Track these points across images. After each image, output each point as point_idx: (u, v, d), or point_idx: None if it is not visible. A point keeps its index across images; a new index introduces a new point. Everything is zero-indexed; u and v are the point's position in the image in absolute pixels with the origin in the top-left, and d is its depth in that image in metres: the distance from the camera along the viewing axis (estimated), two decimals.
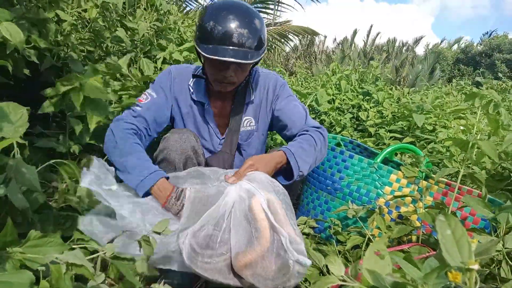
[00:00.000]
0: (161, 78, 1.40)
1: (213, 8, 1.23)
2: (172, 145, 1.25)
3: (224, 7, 1.21)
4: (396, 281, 0.45)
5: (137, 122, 1.26)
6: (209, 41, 1.19)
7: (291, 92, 1.50)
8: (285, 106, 1.45)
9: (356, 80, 3.65)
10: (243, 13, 1.20)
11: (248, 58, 1.20)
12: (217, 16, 1.19)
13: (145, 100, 1.32)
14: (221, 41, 1.18)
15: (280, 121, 1.46)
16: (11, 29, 0.96)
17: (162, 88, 1.37)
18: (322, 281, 0.55)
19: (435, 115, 2.63)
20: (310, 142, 1.33)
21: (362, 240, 1.24)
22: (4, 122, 0.61)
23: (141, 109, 1.29)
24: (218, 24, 1.18)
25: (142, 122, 1.28)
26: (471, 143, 1.11)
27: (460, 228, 0.42)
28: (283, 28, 8.24)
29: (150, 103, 1.32)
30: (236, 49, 1.18)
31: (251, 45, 1.21)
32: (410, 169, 1.34)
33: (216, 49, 1.18)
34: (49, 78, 1.37)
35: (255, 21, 1.23)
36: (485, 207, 0.98)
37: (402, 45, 18.42)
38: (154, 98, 1.34)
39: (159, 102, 1.35)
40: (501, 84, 6.54)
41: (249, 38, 1.20)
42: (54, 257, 0.67)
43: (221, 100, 1.44)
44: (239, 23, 1.18)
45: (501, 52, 23.69)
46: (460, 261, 0.39)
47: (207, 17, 1.20)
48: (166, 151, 1.25)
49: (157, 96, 1.35)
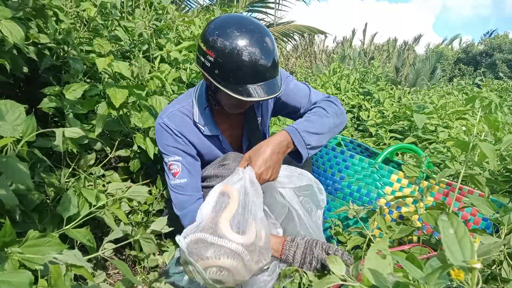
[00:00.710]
0: (168, 140, 1.25)
1: (232, 40, 1.04)
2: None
3: (245, 37, 1.05)
4: (398, 281, 0.44)
5: (196, 194, 1.23)
6: (240, 82, 1.08)
7: (287, 73, 1.40)
8: (285, 91, 1.35)
9: (357, 80, 3.65)
10: (263, 40, 1.08)
11: (278, 89, 1.13)
12: (244, 52, 1.04)
13: (179, 170, 1.23)
14: (254, 80, 1.08)
15: (285, 107, 1.38)
16: (11, 27, 0.95)
17: (179, 148, 1.25)
18: (322, 281, 0.55)
19: (438, 115, 2.62)
20: (318, 113, 1.24)
21: (362, 241, 1.24)
22: (1, 120, 0.61)
23: (187, 180, 1.23)
24: (248, 63, 1.05)
25: (196, 194, 1.24)
26: (471, 144, 1.10)
27: (462, 228, 0.42)
28: (287, 28, 8.22)
29: (185, 172, 1.24)
30: (269, 82, 1.10)
31: (276, 71, 1.13)
32: (411, 169, 1.33)
33: (249, 91, 1.08)
34: (48, 78, 1.37)
35: (271, 42, 1.11)
36: (489, 207, 0.97)
37: (404, 44, 18.40)
38: (182, 161, 1.24)
39: (190, 162, 1.26)
40: (502, 84, 6.53)
41: (275, 63, 1.11)
42: (53, 257, 0.66)
43: (230, 119, 1.36)
44: (265, 53, 1.07)
45: (502, 52, 23.68)
46: (463, 260, 0.39)
47: (230, 53, 1.04)
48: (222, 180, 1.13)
49: (184, 158, 1.25)
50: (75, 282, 0.70)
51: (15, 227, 0.83)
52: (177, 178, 1.22)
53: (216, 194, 0.99)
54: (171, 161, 1.24)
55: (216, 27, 1.09)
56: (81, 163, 1.32)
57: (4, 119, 0.61)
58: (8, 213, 0.82)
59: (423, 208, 1.27)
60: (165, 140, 1.25)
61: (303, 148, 1.15)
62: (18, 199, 0.83)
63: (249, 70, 1.05)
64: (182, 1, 6.61)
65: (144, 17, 1.87)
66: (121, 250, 1.39)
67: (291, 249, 1.09)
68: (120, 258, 1.37)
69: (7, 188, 0.66)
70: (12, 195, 0.68)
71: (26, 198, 0.94)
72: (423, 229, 1.27)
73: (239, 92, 1.07)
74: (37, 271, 0.66)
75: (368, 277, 0.47)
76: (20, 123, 0.63)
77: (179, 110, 1.28)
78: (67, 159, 1.29)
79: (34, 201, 0.88)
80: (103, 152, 1.47)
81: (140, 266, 1.31)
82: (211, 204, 0.97)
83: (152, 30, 1.93)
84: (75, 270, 0.68)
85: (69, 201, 0.95)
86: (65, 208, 0.93)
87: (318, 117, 1.22)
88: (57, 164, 1.29)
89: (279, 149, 1.10)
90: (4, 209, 0.83)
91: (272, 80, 1.11)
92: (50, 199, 1.10)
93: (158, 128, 1.26)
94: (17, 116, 0.63)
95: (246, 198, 0.99)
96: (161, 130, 1.25)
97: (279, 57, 10.14)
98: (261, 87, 1.08)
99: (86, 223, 1.02)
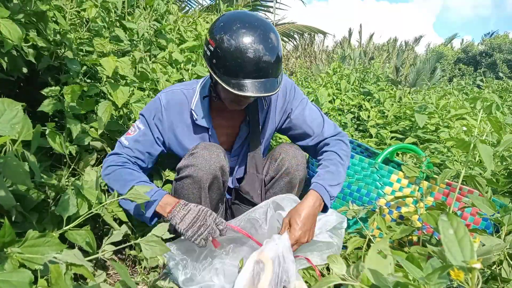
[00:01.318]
0: (150, 111, 1.28)
1: (233, 32, 1.06)
2: (201, 163, 1.18)
3: (246, 31, 1.05)
4: (398, 281, 0.44)
5: (126, 153, 1.24)
6: (232, 74, 1.08)
7: (303, 94, 1.41)
8: (300, 114, 1.36)
9: (357, 80, 3.65)
10: (267, 37, 1.07)
11: (276, 87, 1.11)
12: (240, 44, 1.04)
13: (133, 133, 1.26)
14: (248, 74, 1.07)
15: (296, 130, 1.38)
16: (10, 26, 0.95)
17: (150, 123, 1.27)
18: (323, 281, 0.55)
19: (439, 115, 2.62)
20: (334, 160, 1.29)
21: (363, 242, 1.24)
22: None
23: (129, 142, 1.24)
24: (243, 55, 1.04)
25: (131, 153, 1.25)
26: (472, 145, 1.10)
27: (462, 228, 0.42)
28: (287, 28, 8.20)
29: (137, 136, 1.25)
30: (264, 80, 1.08)
31: (276, 71, 1.12)
32: (411, 169, 1.33)
33: (242, 85, 1.07)
34: (47, 78, 1.37)
35: (276, 39, 1.10)
36: (490, 206, 0.97)
37: (404, 44, 18.39)
38: (142, 130, 1.26)
39: (148, 136, 1.27)
40: (502, 84, 6.53)
41: (276, 63, 1.09)
42: (53, 256, 0.66)
43: (228, 116, 1.34)
44: (266, 50, 1.06)
45: (502, 52, 23.68)
46: (462, 260, 0.39)
47: (228, 44, 1.05)
48: (193, 168, 1.18)
49: (145, 130, 1.27)
50: (75, 282, 0.70)
51: (15, 227, 0.83)
52: (125, 138, 1.25)
53: (252, 263, 1.05)
54: (135, 124, 1.28)
55: (223, 19, 1.10)
56: (81, 163, 1.32)
57: (3, 117, 0.61)
58: (8, 213, 0.82)
59: (423, 208, 1.27)
60: (148, 109, 1.28)
61: (329, 201, 1.22)
62: (18, 199, 0.83)
63: (244, 65, 1.05)
64: (183, 1, 6.61)
65: (145, 17, 1.87)
66: (121, 250, 1.39)
67: (181, 211, 1.10)
68: (120, 258, 1.37)
69: (5, 189, 0.66)
70: (9, 195, 0.68)
71: (25, 198, 0.93)
72: (423, 229, 1.27)
73: (231, 85, 1.08)
74: (37, 271, 0.66)
75: (368, 277, 0.47)
76: (18, 121, 0.63)
77: (181, 90, 1.30)
78: (67, 159, 1.29)
79: (33, 201, 0.88)
80: (103, 152, 1.47)
81: (140, 266, 1.31)
82: (248, 272, 1.03)
83: (153, 30, 1.93)
84: (75, 270, 0.68)
85: (68, 201, 0.94)
86: (64, 208, 0.93)
87: (336, 167, 1.27)
88: (57, 164, 1.29)
89: (314, 211, 1.16)
90: (3, 209, 0.83)
91: (268, 80, 1.09)
92: (50, 199, 1.09)
93: (153, 98, 1.30)
94: (14, 115, 0.63)
95: (280, 267, 1.04)
96: (153, 101, 1.29)
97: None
98: (255, 84, 1.07)
99: (86, 222, 1.02)
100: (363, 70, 3.89)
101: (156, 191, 1.15)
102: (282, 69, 1.16)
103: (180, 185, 1.23)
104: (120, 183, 1.16)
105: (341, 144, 1.34)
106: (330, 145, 1.34)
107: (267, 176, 1.38)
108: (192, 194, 1.22)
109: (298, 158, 1.33)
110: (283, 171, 1.32)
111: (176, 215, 1.10)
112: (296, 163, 1.31)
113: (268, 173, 1.38)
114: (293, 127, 1.38)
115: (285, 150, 1.34)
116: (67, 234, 0.92)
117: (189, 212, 1.10)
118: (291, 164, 1.31)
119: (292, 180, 1.32)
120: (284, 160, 1.32)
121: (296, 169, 1.31)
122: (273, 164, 1.35)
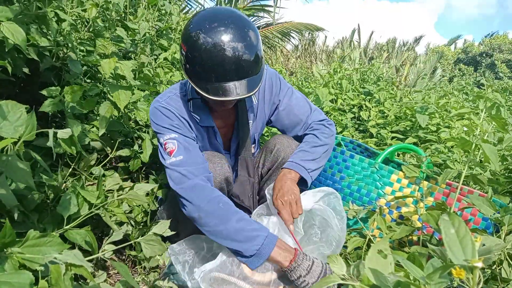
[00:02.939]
0: (166, 120, 1.17)
1: (203, 32, 0.98)
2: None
3: (217, 29, 0.97)
4: (399, 281, 0.44)
5: (191, 172, 1.09)
6: (206, 79, 1.02)
7: (287, 84, 1.38)
8: (288, 104, 1.35)
9: (358, 80, 3.65)
10: (241, 34, 0.99)
11: (255, 87, 1.05)
12: (212, 45, 0.97)
13: (176, 147, 1.12)
14: (222, 77, 1.00)
15: (284, 120, 1.37)
16: (13, 28, 0.95)
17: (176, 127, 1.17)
18: (323, 281, 0.55)
19: (440, 116, 2.62)
20: (310, 141, 1.30)
21: (363, 242, 1.24)
22: (3, 121, 0.60)
23: (183, 157, 1.10)
24: (215, 57, 0.97)
25: (196, 166, 1.11)
26: (474, 144, 1.10)
27: (464, 227, 0.42)
28: (285, 26, 8.18)
29: (181, 146, 1.13)
30: (240, 82, 1.02)
31: (255, 69, 1.05)
32: (411, 169, 1.33)
33: (217, 90, 1.01)
34: (48, 78, 1.37)
35: (253, 37, 1.02)
36: (490, 206, 0.97)
37: (403, 44, 18.38)
38: (178, 138, 1.14)
39: (187, 139, 1.16)
40: (502, 84, 6.53)
41: (253, 62, 1.02)
42: (53, 257, 0.66)
43: (223, 115, 1.32)
44: (240, 49, 0.98)
45: (502, 52, 23.69)
46: (464, 259, 0.39)
47: (198, 46, 0.98)
48: None
49: (178, 137, 1.15)
50: (75, 282, 0.70)
51: (15, 227, 0.83)
52: (173, 156, 1.11)
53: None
54: (166, 140, 1.14)
55: (193, 20, 1.03)
56: (81, 163, 1.32)
57: (7, 119, 0.61)
58: (8, 213, 0.82)
59: (423, 208, 1.27)
60: (161, 120, 1.17)
61: (307, 174, 1.23)
62: (18, 199, 0.83)
63: (217, 60, 0.98)
64: (183, 1, 6.61)
65: (146, 17, 1.87)
66: (121, 250, 1.38)
67: (305, 261, 1.01)
68: (120, 259, 1.37)
69: (7, 188, 0.66)
70: (11, 195, 0.68)
71: (26, 198, 0.93)
72: (423, 229, 1.27)
73: (207, 91, 1.02)
74: (37, 272, 0.66)
75: (369, 277, 0.47)
76: (21, 124, 0.63)
77: (175, 95, 1.23)
78: (67, 159, 1.29)
79: (34, 201, 0.88)
80: (103, 152, 1.47)
81: (141, 266, 1.31)
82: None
83: (155, 31, 1.93)
84: (75, 270, 0.68)
85: (68, 201, 0.95)
86: (64, 208, 0.93)
87: (309, 146, 1.29)
88: (57, 164, 1.29)
89: (286, 185, 1.16)
90: (4, 209, 0.83)
91: (249, 79, 1.03)
92: (50, 199, 1.10)
93: (154, 110, 1.19)
94: (18, 117, 0.63)
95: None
96: (156, 111, 1.18)
97: (280, 55, 9.97)
98: (232, 87, 1.01)
99: (86, 222, 1.02)
100: (363, 70, 3.89)
101: (267, 235, 1.02)
102: (263, 65, 1.10)
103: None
104: (213, 220, 1.03)
105: (322, 128, 1.34)
106: (312, 128, 1.35)
107: (263, 168, 1.39)
108: None
109: (293, 147, 1.33)
110: (280, 162, 1.33)
111: (300, 266, 1.00)
112: (292, 153, 1.32)
113: (264, 165, 1.38)
114: (281, 118, 1.38)
115: (279, 141, 1.34)
116: (67, 234, 0.92)
117: (313, 264, 1.01)
118: (287, 153, 1.32)
119: None
120: (280, 150, 1.33)
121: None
122: (269, 156, 1.36)
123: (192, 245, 1.16)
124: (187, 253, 1.14)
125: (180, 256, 1.12)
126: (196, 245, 1.16)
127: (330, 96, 3.03)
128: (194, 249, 1.16)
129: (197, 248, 1.16)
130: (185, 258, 1.13)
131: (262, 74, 1.09)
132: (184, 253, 1.14)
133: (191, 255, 1.14)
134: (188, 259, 1.13)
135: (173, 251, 1.12)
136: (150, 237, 0.99)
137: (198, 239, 1.17)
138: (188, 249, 1.15)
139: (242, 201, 1.36)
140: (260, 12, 7.63)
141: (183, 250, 1.15)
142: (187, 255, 1.14)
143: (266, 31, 7.81)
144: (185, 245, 1.16)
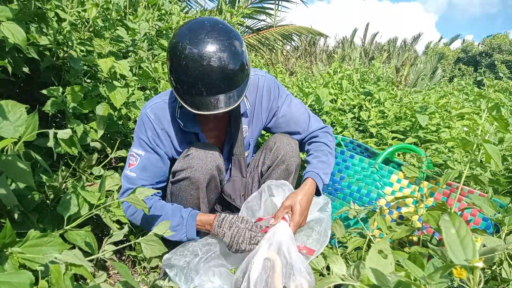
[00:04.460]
0: (143, 132, 1.23)
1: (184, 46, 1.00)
2: (197, 164, 1.18)
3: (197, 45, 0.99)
4: (400, 280, 0.44)
5: (139, 185, 1.20)
6: (187, 93, 1.05)
7: (286, 90, 1.41)
8: (287, 111, 1.38)
9: (358, 80, 3.65)
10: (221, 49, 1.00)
11: (237, 99, 1.08)
12: (192, 60, 0.99)
13: (136, 163, 1.22)
14: (201, 92, 1.03)
15: (284, 127, 1.40)
16: (13, 28, 0.95)
17: (150, 144, 1.23)
18: (323, 281, 0.55)
19: (440, 116, 2.62)
20: (325, 151, 1.34)
21: (363, 242, 1.23)
22: (3, 121, 0.60)
23: (136, 174, 1.21)
24: (193, 73, 1.00)
25: (144, 183, 1.22)
26: (475, 144, 1.10)
27: (464, 227, 0.42)
28: (286, 29, 8.18)
29: (141, 164, 1.22)
30: (217, 97, 1.04)
31: (238, 82, 1.07)
32: (411, 170, 1.33)
33: (198, 104, 1.04)
34: (48, 78, 1.37)
35: (236, 47, 1.04)
36: (490, 206, 0.97)
37: (404, 44, 18.36)
38: (144, 156, 1.23)
39: (152, 159, 1.24)
40: (502, 84, 6.53)
41: (235, 75, 1.04)
42: (54, 257, 0.66)
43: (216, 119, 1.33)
44: (221, 63, 1.00)
45: (501, 53, 23.69)
46: (465, 259, 0.39)
47: (179, 59, 1.01)
48: (189, 170, 1.18)
49: (147, 154, 1.23)
50: (75, 282, 0.70)
51: (15, 227, 0.83)
52: (130, 170, 1.22)
53: (262, 260, 1.09)
54: (133, 152, 1.24)
55: (176, 34, 1.06)
56: (82, 164, 1.32)
57: (7, 119, 0.61)
58: (8, 213, 0.82)
59: (423, 208, 1.27)
60: (140, 131, 1.24)
61: (321, 187, 1.28)
62: (18, 199, 0.82)
63: (193, 83, 1.02)
64: (183, 1, 6.61)
65: (146, 17, 1.87)
66: (121, 250, 1.38)
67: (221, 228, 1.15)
68: (119, 259, 1.37)
69: (7, 188, 0.66)
70: (11, 194, 0.68)
71: (26, 198, 0.93)
72: (423, 230, 1.27)
73: (189, 103, 1.06)
74: (37, 272, 0.66)
75: (369, 277, 0.47)
76: (22, 123, 0.63)
77: (163, 101, 1.26)
78: (68, 160, 1.29)
79: (34, 201, 0.88)
80: (103, 152, 1.47)
81: (141, 266, 1.31)
82: (258, 268, 1.06)
83: (155, 31, 1.93)
84: (75, 270, 0.68)
85: (69, 201, 0.94)
86: (65, 208, 0.93)
87: (327, 157, 1.34)
88: (57, 164, 1.29)
89: (311, 198, 1.23)
90: (4, 209, 0.83)
91: (231, 93, 1.06)
92: (50, 199, 1.09)
93: (140, 116, 1.26)
94: (18, 117, 0.63)
95: (287, 264, 1.08)
96: (141, 120, 1.25)
97: (281, 56, 9.92)
98: (213, 102, 1.04)
99: (86, 222, 1.02)
100: (363, 70, 3.89)
101: (188, 215, 1.19)
102: (247, 73, 1.12)
103: (177, 188, 1.23)
104: (148, 222, 1.19)
105: (328, 136, 1.41)
106: (318, 137, 1.39)
107: (263, 166, 1.40)
108: (190, 196, 1.22)
109: (292, 145, 1.35)
110: (279, 159, 1.34)
111: (221, 226, 1.15)
112: (291, 150, 1.34)
113: (264, 163, 1.38)
114: (280, 125, 1.41)
115: (279, 139, 1.36)
116: (66, 235, 0.92)
117: (234, 218, 1.16)
118: (287, 151, 1.33)
119: (289, 167, 1.34)
120: (279, 148, 1.34)
121: (291, 156, 1.33)
122: (269, 154, 1.37)
123: (185, 253, 1.18)
124: (181, 261, 1.16)
125: (174, 265, 1.15)
126: (189, 252, 1.18)
127: (330, 96, 3.03)
128: (188, 256, 1.17)
129: (191, 255, 1.17)
130: (179, 264, 1.15)
131: (244, 88, 1.11)
132: (178, 261, 1.15)
133: (185, 263, 1.16)
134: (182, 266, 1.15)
135: (167, 261, 1.16)
136: (150, 237, 0.99)
137: (191, 246, 1.19)
138: (181, 257, 1.17)
139: (233, 200, 1.37)
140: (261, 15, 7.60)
141: (176, 258, 1.16)
142: (181, 263, 1.15)
143: (267, 33, 7.81)
144: (178, 253, 1.17)
